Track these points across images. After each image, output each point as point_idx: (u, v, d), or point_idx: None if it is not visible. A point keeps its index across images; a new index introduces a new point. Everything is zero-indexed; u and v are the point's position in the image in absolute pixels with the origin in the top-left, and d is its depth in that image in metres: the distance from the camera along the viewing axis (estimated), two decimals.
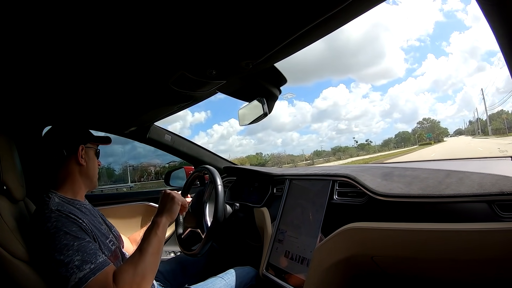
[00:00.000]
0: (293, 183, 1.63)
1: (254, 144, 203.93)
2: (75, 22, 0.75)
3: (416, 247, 1.03)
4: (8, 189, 1.12)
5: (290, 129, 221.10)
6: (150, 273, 1.03)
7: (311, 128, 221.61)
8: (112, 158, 47.45)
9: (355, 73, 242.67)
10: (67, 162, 1.20)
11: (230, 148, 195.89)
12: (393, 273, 1.18)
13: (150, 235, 1.11)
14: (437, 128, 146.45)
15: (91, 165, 1.26)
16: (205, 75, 1.08)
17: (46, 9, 0.69)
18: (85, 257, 0.95)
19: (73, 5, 0.68)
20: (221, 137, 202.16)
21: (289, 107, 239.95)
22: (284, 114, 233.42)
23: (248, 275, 1.52)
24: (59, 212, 1.04)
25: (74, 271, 0.92)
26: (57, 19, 0.73)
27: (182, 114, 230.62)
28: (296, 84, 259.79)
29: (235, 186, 2.10)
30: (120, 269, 0.99)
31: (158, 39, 0.86)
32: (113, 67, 1.07)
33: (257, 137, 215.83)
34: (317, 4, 0.70)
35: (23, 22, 0.74)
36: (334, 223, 1.27)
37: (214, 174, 1.56)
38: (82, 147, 1.22)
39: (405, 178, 1.20)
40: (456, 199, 0.98)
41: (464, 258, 0.96)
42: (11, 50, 0.88)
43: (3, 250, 0.97)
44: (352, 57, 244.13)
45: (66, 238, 0.97)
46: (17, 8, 0.68)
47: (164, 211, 1.21)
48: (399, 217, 1.09)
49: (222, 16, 0.74)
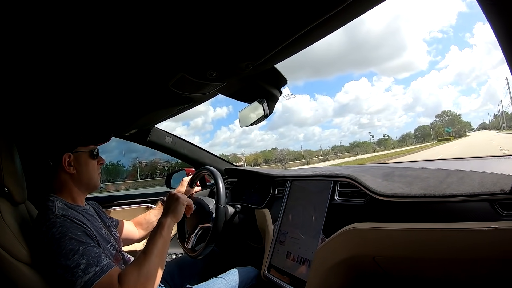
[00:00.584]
0: (294, 184, 1.63)
1: (276, 139, 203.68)
2: (75, 24, 0.75)
3: (417, 247, 1.02)
4: (9, 192, 1.13)
5: (311, 123, 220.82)
6: (155, 274, 1.04)
7: (333, 123, 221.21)
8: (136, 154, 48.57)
9: (377, 66, 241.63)
10: (57, 172, 1.18)
11: (252, 143, 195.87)
12: (395, 274, 1.18)
13: (155, 236, 1.12)
14: (458, 122, 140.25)
15: (84, 170, 1.22)
16: (205, 77, 1.08)
17: (47, 10, 0.69)
18: (90, 260, 0.96)
19: (74, 7, 0.68)
20: (243, 132, 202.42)
21: (310, 101, 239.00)
22: (305, 109, 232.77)
23: (249, 275, 1.52)
24: (64, 217, 1.04)
25: (79, 275, 0.92)
26: (57, 20, 0.73)
27: (204, 110, 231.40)
28: (316, 78, 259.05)
29: (236, 188, 2.10)
30: (125, 271, 1.00)
31: (158, 41, 0.86)
32: (113, 69, 1.07)
33: (279, 132, 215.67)
34: (317, 5, 0.70)
35: (24, 24, 0.74)
36: (336, 223, 1.27)
37: (215, 175, 1.56)
38: (69, 155, 1.18)
39: (406, 178, 1.20)
40: (457, 199, 0.98)
41: (466, 257, 0.96)
42: (11, 52, 0.88)
43: (5, 252, 0.97)
44: (374, 50, 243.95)
45: (72, 243, 0.97)
46: (16, 9, 0.68)
47: (169, 212, 1.21)
48: (400, 217, 1.09)
49: (222, 17, 0.74)
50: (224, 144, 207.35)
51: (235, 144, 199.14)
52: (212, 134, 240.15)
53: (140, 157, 50.10)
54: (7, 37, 0.79)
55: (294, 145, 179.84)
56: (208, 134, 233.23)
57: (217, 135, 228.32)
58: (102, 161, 1.31)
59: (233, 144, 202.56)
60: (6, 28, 0.75)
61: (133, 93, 1.33)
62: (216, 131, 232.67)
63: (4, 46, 0.83)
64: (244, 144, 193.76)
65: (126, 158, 53.00)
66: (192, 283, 1.45)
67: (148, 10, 0.71)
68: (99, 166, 1.30)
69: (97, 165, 1.29)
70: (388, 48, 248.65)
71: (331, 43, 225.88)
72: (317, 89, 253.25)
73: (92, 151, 1.26)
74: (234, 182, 2.17)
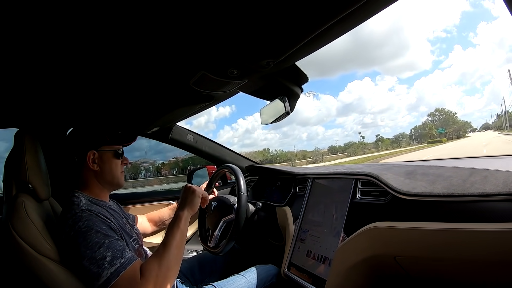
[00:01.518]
0: (315, 182, 1.62)
1: (279, 138, 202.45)
2: (98, 25, 0.77)
3: (440, 247, 1.00)
4: (33, 189, 1.16)
5: (315, 123, 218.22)
6: (175, 265, 1.07)
7: (336, 122, 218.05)
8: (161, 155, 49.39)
9: (380, 66, 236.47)
10: (81, 168, 1.22)
11: (255, 142, 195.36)
12: (416, 275, 1.15)
13: (173, 229, 1.15)
14: (454, 122, 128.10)
15: (107, 168, 1.26)
16: (226, 75, 1.09)
17: (64, 12, 0.71)
18: (115, 253, 0.99)
19: (98, 7, 0.69)
20: (246, 131, 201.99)
21: (313, 101, 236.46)
22: (308, 108, 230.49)
23: (269, 273, 1.52)
24: (90, 212, 1.08)
25: (105, 267, 0.96)
26: (80, 21, 0.75)
27: (207, 109, 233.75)
28: (320, 77, 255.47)
29: (257, 185, 2.11)
30: (145, 263, 1.03)
31: (179, 39, 0.87)
32: (135, 68, 1.09)
33: (282, 131, 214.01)
34: (337, 1, 0.69)
35: (48, 24, 0.76)
36: (357, 222, 1.25)
37: (237, 173, 1.57)
38: (93, 152, 1.22)
39: (428, 177, 1.18)
40: (481, 198, 0.95)
41: (490, 259, 0.93)
42: (38, 50, 0.91)
43: (29, 247, 1.00)
44: (377, 49, 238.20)
45: (97, 236, 1.01)
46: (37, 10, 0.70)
47: (185, 205, 1.24)
48: (422, 217, 1.06)
49: (243, 15, 0.75)
50: (227, 144, 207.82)
51: (238, 143, 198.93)
52: (215, 134, 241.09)
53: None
54: (34, 37, 0.81)
55: (298, 144, 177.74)
56: (211, 133, 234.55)
57: (220, 134, 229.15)
58: (126, 161, 1.34)
59: (236, 143, 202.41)
60: (33, 28, 0.77)
61: (155, 92, 1.35)
62: (219, 130, 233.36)
63: (34, 43, 0.86)
64: (247, 143, 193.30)
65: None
66: (213, 279, 1.46)
67: (170, 8, 0.71)
68: (123, 165, 1.33)
69: (121, 164, 1.32)
70: (392, 47, 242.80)
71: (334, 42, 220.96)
72: (320, 89, 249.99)
73: (116, 151, 1.29)
74: (255, 179, 2.17)
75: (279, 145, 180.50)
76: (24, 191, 1.16)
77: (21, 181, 1.16)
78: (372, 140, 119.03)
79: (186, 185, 1.32)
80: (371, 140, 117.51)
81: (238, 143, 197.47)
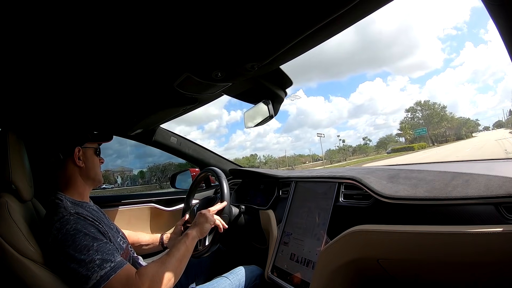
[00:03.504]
0: (299, 185, 1.63)
1: (292, 141, 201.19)
2: (81, 24, 0.76)
3: (422, 250, 1.02)
4: (16, 189, 1.14)
5: (326, 125, 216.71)
6: (173, 273, 1.10)
7: (348, 124, 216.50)
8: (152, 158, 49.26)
9: (390, 66, 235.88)
10: (66, 165, 1.22)
11: (268, 146, 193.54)
12: (400, 277, 1.17)
13: (180, 243, 1.21)
14: (443, 119, 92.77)
15: (90, 164, 1.27)
16: (210, 78, 1.09)
17: (52, 10, 0.70)
18: (105, 256, 0.99)
19: (79, 7, 0.69)
20: (258, 135, 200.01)
21: (325, 103, 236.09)
22: (320, 110, 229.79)
23: (253, 273, 1.53)
24: (78, 215, 1.07)
25: (95, 270, 0.96)
26: (66, 20, 0.74)
27: (218, 113, 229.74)
28: (329, 79, 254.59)
29: (241, 188, 2.11)
30: (147, 265, 1.07)
31: (163, 41, 0.87)
32: (118, 69, 1.07)
33: (294, 134, 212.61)
34: (322, 6, 0.70)
35: (33, 23, 0.75)
36: (340, 225, 1.27)
37: (220, 176, 1.56)
38: (79, 148, 1.24)
39: (411, 181, 1.20)
40: (462, 202, 0.97)
41: (471, 261, 0.95)
42: (20, 50, 0.89)
43: (12, 249, 0.97)
44: (386, 48, 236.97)
45: (86, 239, 1.00)
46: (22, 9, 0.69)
47: (196, 227, 1.32)
48: (405, 220, 1.08)
49: (228, 18, 0.75)
50: (240, 148, 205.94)
51: (250, 147, 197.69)
52: (228, 138, 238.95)
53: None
54: (18, 34, 0.79)
55: (311, 147, 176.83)
56: (223, 137, 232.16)
57: (232, 138, 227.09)
58: (103, 160, 1.36)
59: (249, 147, 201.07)
60: (17, 25, 0.75)
61: (138, 93, 1.34)
62: (231, 134, 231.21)
63: (15, 43, 0.84)
64: (259, 147, 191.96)
65: None
66: (198, 282, 1.47)
67: (154, 10, 0.71)
68: (100, 163, 1.35)
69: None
70: (401, 46, 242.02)
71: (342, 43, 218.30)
72: (331, 91, 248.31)
73: (96, 149, 1.32)
74: (239, 182, 2.17)
75: (291, 148, 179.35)
76: (7, 191, 1.13)
77: (4, 181, 1.13)
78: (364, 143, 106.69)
79: (201, 212, 1.40)
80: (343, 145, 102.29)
81: (250, 147, 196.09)
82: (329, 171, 1.63)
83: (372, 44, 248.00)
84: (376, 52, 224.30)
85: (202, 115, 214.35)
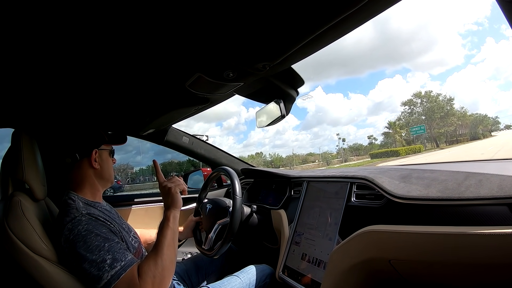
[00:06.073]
0: (310, 185, 1.62)
1: (310, 139, 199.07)
2: (94, 25, 0.77)
3: (434, 251, 1.01)
4: (30, 188, 1.16)
5: (345, 122, 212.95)
6: (169, 264, 1.08)
7: (367, 122, 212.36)
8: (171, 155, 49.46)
9: (409, 62, 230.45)
10: (81, 166, 1.23)
11: (286, 143, 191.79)
12: (411, 279, 1.16)
13: (163, 229, 1.16)
14: (451, 114, 70.47)
15: (106, 166, 1.29)
16: (222, 77, 1.09)
17: (54, 11, 0.71)
18: (116, 255, 1.00)
19: (93, 7, 0.69)
20: (276, 132, 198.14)
21: (344, 100, 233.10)
22: (339, 108, 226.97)
23: (264, 272, 1.53)
24: (89, 216, 1.08)
25: (106, 270, 0.97)
26: (77, 21, 0.75)
27: (236, 110, 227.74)
28: (348, 76, 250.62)
29: (252, 188, 2.11)
30: (141, 264, 1.04)
31: (175, 42, 0.87)
32: (131, 70, 1.08)
33: (313, 131, 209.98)
34: (334, 5, 0.70)
35: (49, 25, 0.76)
36: (352, 225, 1.26)
37: (232, 175, 1.56)
38: (96, 151, 1.25)
39: (423, 180, 1.18)
40: (475, 202, 0.96)
41: (484, 263, 0.93)
42: (33, 52, 0.90)
43: (25, 246, 1.00)
44: (405, 44, 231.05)
45: (97, 239, 1.02)
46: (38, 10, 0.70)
47: (169, 204, 1.23)
48: (417, 220, 1.07)
49: (239, 18, 0.75)
50: (259, 145, 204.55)
51: (269, 144, 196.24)
52: (246, 135, 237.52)
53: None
54: (33, 36, 0.81)
55: (329, 144, 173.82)
56: (242, 134, 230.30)
57: (251, 135, 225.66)
58: (114, 161, 1.38)
59: (268, 144, 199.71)
60: (33, 27, 0.77)
61: (151, 93, 1.35)
62: (250, 131, 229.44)
63: (30, 44, 0.85)
64: (278, 144, 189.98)
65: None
66: (209, 281, 1.47)
67: (167, 10, 0.71)
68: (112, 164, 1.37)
69: None
70: (421, 42, 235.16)
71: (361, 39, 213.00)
72: (350, 88, 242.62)
73: (110, 150, 1.34)
74: (250, 182, 2.17)
75: (310, 145, 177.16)
76: (21, 190, 1.15)
77: (17, 180, 1.15)
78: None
79: (160, 186, 1.29)
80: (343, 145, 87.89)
81: (269, 144, 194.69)
82: (341, 171, 1.62)
83: (391, 40, 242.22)
84: (395, 48, 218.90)
85: (221, 112, 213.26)
